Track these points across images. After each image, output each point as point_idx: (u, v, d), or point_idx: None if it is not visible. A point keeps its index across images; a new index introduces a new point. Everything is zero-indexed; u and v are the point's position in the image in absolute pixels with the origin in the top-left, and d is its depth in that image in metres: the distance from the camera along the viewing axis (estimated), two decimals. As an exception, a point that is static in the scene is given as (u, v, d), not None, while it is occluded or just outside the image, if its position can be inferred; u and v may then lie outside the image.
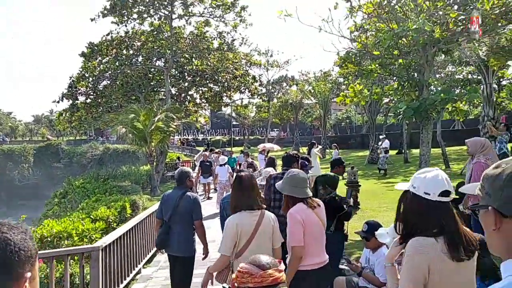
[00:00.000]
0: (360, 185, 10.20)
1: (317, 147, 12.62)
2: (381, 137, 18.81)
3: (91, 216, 10.92)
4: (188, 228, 4.70)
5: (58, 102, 21.32)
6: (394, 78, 10.11)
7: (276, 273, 1.73)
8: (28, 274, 1.03)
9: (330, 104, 36.11)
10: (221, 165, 12.71)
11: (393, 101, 9.49)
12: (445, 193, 2.03)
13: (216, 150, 21.58)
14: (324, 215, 3.52)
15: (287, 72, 70.56)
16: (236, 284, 1.73)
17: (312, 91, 39.56)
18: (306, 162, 6.56)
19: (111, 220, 11.22)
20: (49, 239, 8.33)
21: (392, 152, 24.01)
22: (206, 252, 4.82)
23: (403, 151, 24.52)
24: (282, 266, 1.79)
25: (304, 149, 19.35)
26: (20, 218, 9.24)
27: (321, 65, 67.87)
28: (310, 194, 3.46)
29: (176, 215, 4.65)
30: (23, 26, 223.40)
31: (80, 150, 57.89)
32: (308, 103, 50.32)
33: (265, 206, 3.50)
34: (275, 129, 60.96)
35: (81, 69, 21.03)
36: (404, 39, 7.86)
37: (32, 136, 75.99)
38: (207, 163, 14.32)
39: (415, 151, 28.60)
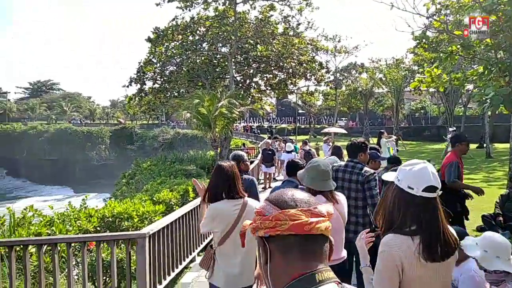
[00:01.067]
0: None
1: (390, 137, 11.71)
2: (450, 129, 17.14)
3: (154, 198, 11.08)
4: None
5: (127, 86, 22.13)
6: (479, 61, 8.92)
7: (302, 216, 1.05)
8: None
9: (403, 93, 34.14)
10: (288, 152, 12.71)
11: (478, 88, 8.31)
12: (430, 188, 1.92)
13: (280, 138, 21.24)
14: (345, 211, 3.39)
15: (356, 58, 67.78)
16: (253, 232, 1.15)
17: (384, 78, 37.67)
18: (378, 153, 5.79)
19: (173, 203, 11.31)
20: (110, 219, 8.47)
21: (473, 146, 22.29)
22: None
23: (484, 145, 22.78)
24: (322, 208, 1.10)
25: (374, 140, 18.24)
26: (85, 197, 9.52)
27: (393, 52, 64.53)
28: (332, 187, 3.33)
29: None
30: (96, 14, 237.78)
31: (152, 134, 60.60)
32: (379, 92, 48.14)
33: (246, 194, 3.35)
34: (343, 118, 59.18)
35: (148, 54, 21.56)
36: (493, 14, 6.80)
37: (108, 119, 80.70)
38: (269, 152, 13.87)
39: (498, 146, 26.36)
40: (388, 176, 2.13)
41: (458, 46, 7.92)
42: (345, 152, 5.17)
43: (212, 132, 17.04)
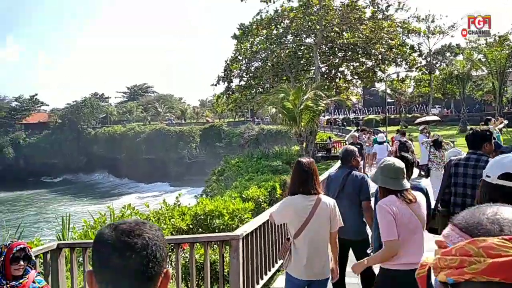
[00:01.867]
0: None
1: (500, 122, 10.22)
2: (488, 117, 14.10)
3: (243, 195, 11.04)
4: (356, 209, 4.47)
5: (215, 85, 22.63)
6: None
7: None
8: (169, 268, 1.08)
9: (508, 75, 30.62)
10: (380, 143, 11.75)
11: None
12: (508, 175, 1.80)
13: (368, 130, 20.15)
14: (423, 212, 3.20)
15: (452, 38, 61.75)
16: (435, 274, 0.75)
17: (484, 59, 34.15)
18: (500, 143, 4.99)
19: (261, 200, 11.18)
20: (202, 217, 8.54)
21: None
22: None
23: None
24: None
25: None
26: (179, 195, 9.74)
27: (495, 29, 58.21)
28: (407, 186, 3.17)
29: (342, 196, 4.43)
30: (183, 17, 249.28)
31: (238, 131, 62.03)
32: (477, 75, 43.84)
33: (322, 191, 3.52)
34: (437, 106, 55.01)
35: (234, 52, 21.80)
36: None
37: (198, 118, 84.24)
38: (357, 146, 12.78)
39: None
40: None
41: None
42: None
43: (298, 126, 16.68)
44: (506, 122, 10.51)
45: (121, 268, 1.01)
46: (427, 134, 14.72)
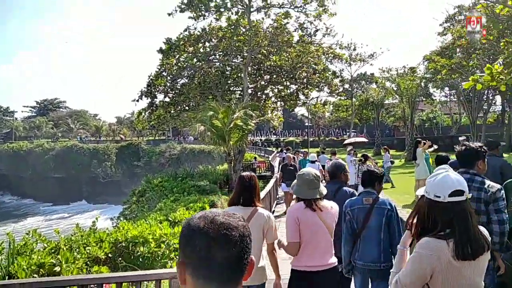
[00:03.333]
0: None
1: (429, 146, 10.57)
2: (460, 138, 15.39)
3: (169, 218, 10.11)
4: None
5: (137, 101, 21.31)
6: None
7: None
8: (251, 256, 1.12)
9: (418, 104, 33.14)
10: (312, 162, 11.70)
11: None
12: (456, 192, 2.04)
13: (302, 151, 20.18)
14: (330, 220, 3.49)
15: (372, 66, 66.83)
16: None
17: (395, 88, 36.71)
18: (429, 166, 4.97)
19: (189, 224, 10.33)
20: (123, 244, 7.50)
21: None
22: None
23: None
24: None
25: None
26: (96, 219, 8.54)
27: (407, 60, 63.55)
28: (314, 196, 3.44)
29: None
30: (104, 29, 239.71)
31: (158, 149, 60.04)
32: (389, 103, 47.09)
33: (260, 205, 3.69)
34: (352, 130, 58.10)
35: (159, 67, 20.79)
36: None
37: (115, 136, 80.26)
38: (291, 167, 11.68)
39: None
40: (420, 191, 2.23)
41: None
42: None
43: (227, 145, 16.14)
44: (435, 147, 10.97)
45: (220, 260, 1.04)
46: (353, 156, 15.02)
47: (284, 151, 20.12)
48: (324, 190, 3.55)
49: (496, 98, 25.19)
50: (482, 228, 2.13)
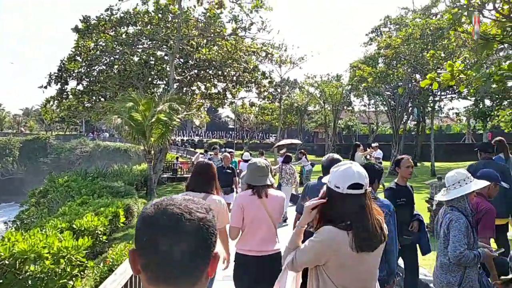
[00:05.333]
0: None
1: (376, 149, 10.10)
2: (373, 145, 14.98)
3: (74, 226, 8.32)
4: None
5: (45, 87, 18.43)
6: None
7: None
8: (217, 252, 1.02)
9: (341, 111, 33.81)
10: (246, 161, 11.04)
11: None
12: (354, 185, 2.10)
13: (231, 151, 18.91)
14: (273, 207, 3.60)
15: (301, 70, 68.10)
16: None
17: (319, 94, 37.24)
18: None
19: (99, 232, 8.61)
20: (7, 261, 5.73)
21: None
22: None
23: (417, 164, 23.02)
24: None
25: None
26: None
27: (334, 68, 65.49)
28: (263, 183, 3.56)
29: None
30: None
31: (69, 145, 55.59)
32: (312, 110, 47.96)
33: (215, 193, 3.89)
34: (273, 135, 58.33)
35: (73, 49, 18.22)
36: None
37: (20, 128, 72.73)
38: (229, 171, 9.34)
39: (427, 164, 26.96)
40: (324, 179, 2.38)
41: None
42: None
43: (147, 142, 14.41)
44: (380, 155, 10.51)
45: (169, 255, 0.94)
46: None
47: (210, 152, 18.73)
48: (272, 179, 3.72)
49: (414, 110, 26.24)
50: (380, 221, 2.19)
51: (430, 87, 24.26)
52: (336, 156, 4.30)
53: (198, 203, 1.02)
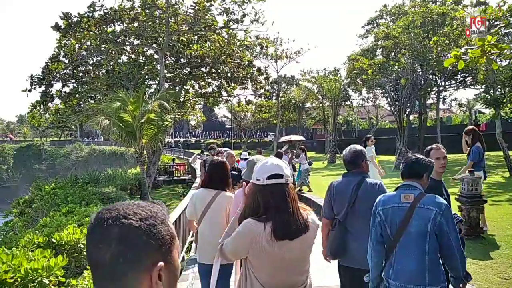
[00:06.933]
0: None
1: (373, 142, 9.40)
2: (367, 136, 14.17)
3: (53, 240, 7.39)
4: None
5: (29, 90, 17.44)
6: None
7: None
8: (160, 264, 0.93)
9: (340, 106, 32.91)
10: (244, 159, 10.91)
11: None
12: (274, 176, 2.16)
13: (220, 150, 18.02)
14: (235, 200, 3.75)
15: (298, 64, 67.27)
16: None
17: (317, 90, 36.35)
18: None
19: (81, 246, 7.67)
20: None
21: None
22: None
23: None
24: None
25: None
26: None
27: (332, 62, 64.73)
28: None
29: (354, 212, 3.39)
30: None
31: (63, 151, 54.75)
32: (309, 106, 47.05)
33: (227, 189, 3.93)
34: (271, 133, 57.39)
35: (56, 49, 17.19)
36: None
37: (8, 135, 71.79)
38: (234, 172, 9.01)
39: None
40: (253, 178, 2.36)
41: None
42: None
43: (138, 143, 13.49)
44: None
45: (93, 261, 0.92)
46: (289, 155, 13.43)
47: (206, 153, 17.85)
48: None
49: (416, 102, 25.43)
50: (307, 212, 2.23)
51: (434, 76, 23.49)
52: (359, 147, 3.73)
53: (146, 209, 0.95)
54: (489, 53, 5.41)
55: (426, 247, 2.74)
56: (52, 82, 17.37)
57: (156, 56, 19.15)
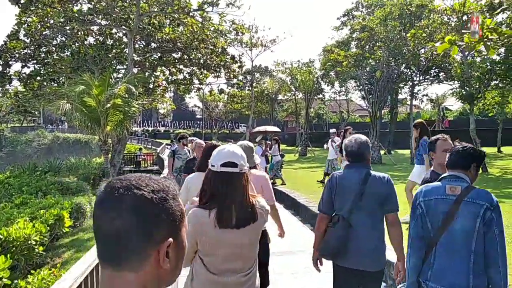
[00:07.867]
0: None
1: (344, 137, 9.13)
2: (331, 131, 13.78)
3: (0, 235, 6.58)
4: (379, 227, 3.08)
5: None
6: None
7: None
8: (169, 240, 0.88)
9: (313, 99, 32.68)
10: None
11: None
12: (228, 163, 2.13)
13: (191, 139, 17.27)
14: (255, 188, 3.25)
15: (272, 53, 66.76)
16: None
17: (290, 82, 35.98)
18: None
19: (33, 242, 6.88)
20: None
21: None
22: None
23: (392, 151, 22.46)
24: None
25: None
26: None
27: (307, 52, 64.95)
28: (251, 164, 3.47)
29: (360, 208, 3.02)
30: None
31: (25, 138, 52.24)
32: (282, 99, 46.74)
33: None
34: (242, 124, 56.78)
35: (16, 26, 15.89)
36: None
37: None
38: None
39: (401, 152, 26.43)
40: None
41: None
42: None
43: (102, 130, 12.57)
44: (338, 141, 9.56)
45: (104, 228, 0.86)
46: (262, 147, 12.88)
47: (175, 142, 17.08)
48: (257, 160, 3.73)
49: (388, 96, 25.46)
50: (256, 199, 2.20)
51: (409, 70, 23.44)
52: (364, 137, 3.34)
53: (158, 182, 0.90)
54: (487, 39, 5.06)
55: (473, 247, 2.41)
56: (10, 61, 16.09)
57: (125, 39, 18.10)
